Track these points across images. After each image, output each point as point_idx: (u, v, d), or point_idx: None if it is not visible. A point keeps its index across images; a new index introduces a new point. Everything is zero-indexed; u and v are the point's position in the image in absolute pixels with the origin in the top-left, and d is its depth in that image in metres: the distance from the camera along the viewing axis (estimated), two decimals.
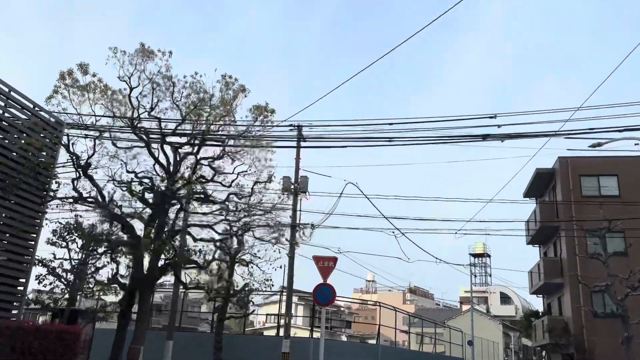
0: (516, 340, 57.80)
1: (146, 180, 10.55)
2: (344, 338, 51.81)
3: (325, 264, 9.50)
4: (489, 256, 71.11)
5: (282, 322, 20.62)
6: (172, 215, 10.94)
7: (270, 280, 14.34)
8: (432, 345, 30.87)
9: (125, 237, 10.31)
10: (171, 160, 10.84)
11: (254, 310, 22.72)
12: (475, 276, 69.38)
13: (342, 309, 68.24)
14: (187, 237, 11.14)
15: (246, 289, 21.34)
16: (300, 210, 21.20)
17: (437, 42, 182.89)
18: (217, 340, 17.61)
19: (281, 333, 20.67)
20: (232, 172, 11.66)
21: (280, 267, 18.99)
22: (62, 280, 9.94)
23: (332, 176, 25.68)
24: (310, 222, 20.84)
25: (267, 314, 58.03)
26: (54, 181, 10.52)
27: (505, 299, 64.28)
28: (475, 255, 68.95)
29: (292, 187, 20.88)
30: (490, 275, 70.85)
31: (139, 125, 10.35)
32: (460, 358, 34.74)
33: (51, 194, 10.36)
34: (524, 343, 59.52)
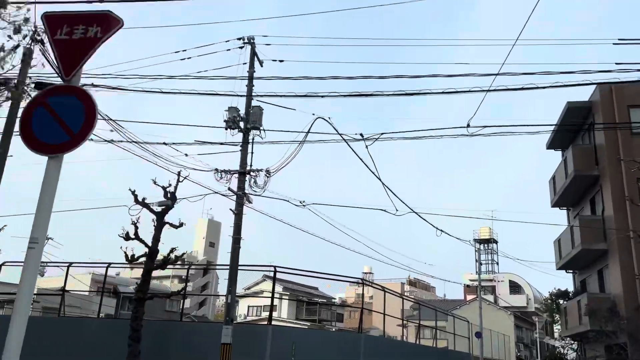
0: (528, 333, 51.14)
1: None
2: None
3: (75, 31, 3.02)
4: (495, 242, 64.40)
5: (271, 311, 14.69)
6: None
7: None
8: (432, 338, 25.03)
9: None
10: None
11: (184, 284, 16.29)
12: (481, 264, 62.94)
13: (333, 300, 62.04)
14: None
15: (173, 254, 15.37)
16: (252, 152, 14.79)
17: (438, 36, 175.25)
18: (133, 328, 13.11)
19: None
20: None
21: None
22: None
23: (297, 109, 19.13)
24: (264, 168, 14.26)
25: (248, 306, 52.08)
26: None
27: (514, 287, 57.43)
28: (480, 241, 62.28)
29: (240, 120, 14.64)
30: (497, 263, 64.30)
31: None
32: (467, 352, 28.65)
33: None
34: (538, 337, 52.88)
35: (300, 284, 50.38)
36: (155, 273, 15.70)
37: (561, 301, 23.88)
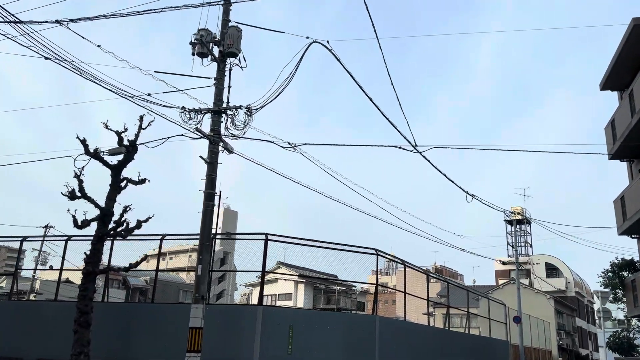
0: (569, 319, 46.35)
1: None
2: None
3: None
4: (529, 223, 59.43)
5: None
6: None
7: None
8: (463, 327, 21.39)
9: None
10: None
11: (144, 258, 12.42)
12: (513, 247, 58.35)
13: (353, 288, 58.47)
14: None
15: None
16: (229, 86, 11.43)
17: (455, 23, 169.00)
18: (80, 310, 10.56)
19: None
20: None
21: None
22: None
23: (286, 32, 14.87)
24: (245, 105, 11.01)
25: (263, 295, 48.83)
26: None
27: (551, 270, 52.51)
28: (512, 223, 57.41)
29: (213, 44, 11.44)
30: (531, 246, 59.39)
31: None
32: (504, 340, 24.68)
33: None
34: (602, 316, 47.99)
35: (318, 271, 47.04)
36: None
37: (625, 273, 19.40)
